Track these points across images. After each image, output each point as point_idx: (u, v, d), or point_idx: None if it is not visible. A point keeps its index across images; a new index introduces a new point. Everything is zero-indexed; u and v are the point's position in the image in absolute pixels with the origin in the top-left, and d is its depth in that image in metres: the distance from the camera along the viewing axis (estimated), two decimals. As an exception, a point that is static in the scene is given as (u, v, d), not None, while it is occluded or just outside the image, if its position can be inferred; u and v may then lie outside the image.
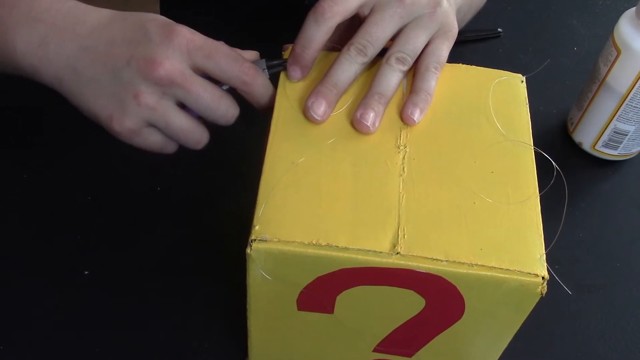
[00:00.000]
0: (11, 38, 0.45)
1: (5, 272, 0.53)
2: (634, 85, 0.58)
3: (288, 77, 0.45)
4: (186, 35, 0.44)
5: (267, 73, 0.47)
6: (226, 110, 0.46)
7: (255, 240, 0.36)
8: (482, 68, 0.47)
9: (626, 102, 0.59)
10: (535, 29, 0.78)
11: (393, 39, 0.46)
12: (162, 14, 0.71)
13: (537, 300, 0.37)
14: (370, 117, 0.42)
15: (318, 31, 0.44)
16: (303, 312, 0.41)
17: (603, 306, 0.55)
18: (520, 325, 0.40)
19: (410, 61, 0.45)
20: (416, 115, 0.43)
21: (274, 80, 0.47)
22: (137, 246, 0.55)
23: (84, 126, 0.62)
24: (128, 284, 0.53)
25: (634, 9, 0.58)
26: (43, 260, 0.53)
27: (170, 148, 0.48)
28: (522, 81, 0.46)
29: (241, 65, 0.45)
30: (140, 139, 0.46)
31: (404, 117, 0.43)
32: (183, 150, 0.61)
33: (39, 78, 0.46)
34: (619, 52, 0.58)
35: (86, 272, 0.53)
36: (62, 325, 0.50)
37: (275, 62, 0.47)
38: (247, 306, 0.41)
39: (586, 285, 0.57)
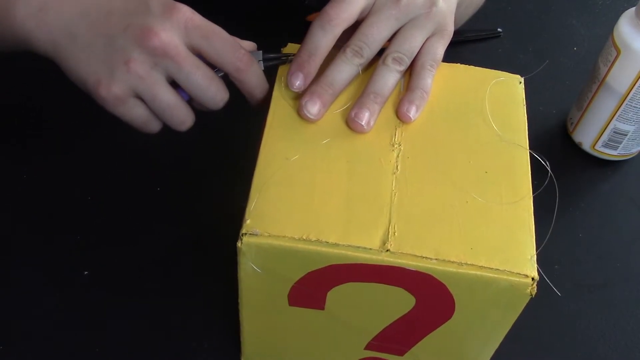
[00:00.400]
0: (12, 6, 0.46)
1: (5, 272, 0.53)
2: (633, 85, 0.58)
3: (289, 85, 0.44)
4: (186, 13, 0.44)
5: (262, 65, 0.47)
6: (215, 93, 0.46)
7: (246, 234, 0.36)
8: (481, 68, 0.47)
9: (626, 102, 0.59)
10: (535, 29, 0.78)
11: (390, 40, 0.46)
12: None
13: (527, 301, 0.37)
14: (365, 117, 0.42)
15: (325, 38, 0.44)
16: (294, 308, 0.41)
17: (603, 306, 0.55)
18: (511, 325, 0.40)
19: (407, 61, 0.45)
20: (412, 113, 0.43)
21: (270, 74, 0.46)
22: (136, 246, 0.55)
23: (83, 126, 0.62)
24: (128, 284, 0.53)
25: (633, 8, 0.58)
26: (43, 260, 0.53)
27: (154, 126, 0.48)
28: (520, 82, 0.46)
29: (237, 51, 0.45)
30: (125, 109, 0.46)
31: (400, 114, 0.43)
32: (183, 151, 0.61)
33: (33, 45, 0.47)
34: (618, 52, 0.58)
35: (86, 272, 0.53)
36: (62, 325, 0.50)
37: (271, 56, 0.47)
38: (239, 300, 0.41)
39: (586, 285, 0.57)
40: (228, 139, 0.62)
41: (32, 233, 0.55)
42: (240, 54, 0.45)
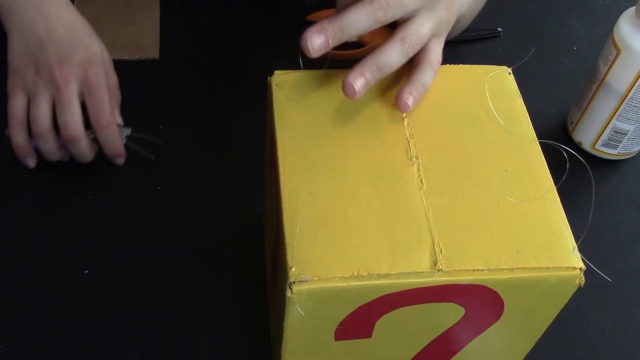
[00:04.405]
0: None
1: (6, 272, 0.53)
2: (633, 85, 0.58)
3: (309, 45, 0.40)
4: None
5: (125, 140, 0.57)
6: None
7: (294, 282, 0.35)
8: (470, 65, 0.46)
9: (626, 101, 0.59)
10: (535, 29, 0.77)
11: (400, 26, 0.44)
12: (161, 13, 0.71)
13: (574, 291, 0.38)
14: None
15: (367, 20, 0.41)
16: (340, 342, 0.40)
17: (603, 306, 0.55)
18: (555, 316, 0.41)
19: (418, 48, 0.44)
20: (410, 101, 0.41)
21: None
22: (136, 246, 0.55)
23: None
24: (128, 284, 0.53)
25: (633, 8, 0.58)
26: (43, 260, 0.53)
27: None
28: (509, 73, 0.46)
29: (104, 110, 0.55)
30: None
31: (399, 103, 0.42)
32: (183, 151, 0.61)
33: None
34: (618, 52, 0.58)
35: (86, 272, 0.53)
36: (62, 325, 0.50)
37: (136, 135, 0.57)
38: (282, 344, 0.40)
39: (586, 285, 0.56)
40: (229, 139, 0.62)
41: (32, 233, 0.55)
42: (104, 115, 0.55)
